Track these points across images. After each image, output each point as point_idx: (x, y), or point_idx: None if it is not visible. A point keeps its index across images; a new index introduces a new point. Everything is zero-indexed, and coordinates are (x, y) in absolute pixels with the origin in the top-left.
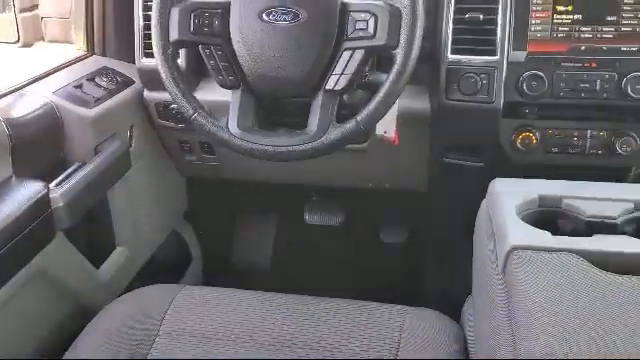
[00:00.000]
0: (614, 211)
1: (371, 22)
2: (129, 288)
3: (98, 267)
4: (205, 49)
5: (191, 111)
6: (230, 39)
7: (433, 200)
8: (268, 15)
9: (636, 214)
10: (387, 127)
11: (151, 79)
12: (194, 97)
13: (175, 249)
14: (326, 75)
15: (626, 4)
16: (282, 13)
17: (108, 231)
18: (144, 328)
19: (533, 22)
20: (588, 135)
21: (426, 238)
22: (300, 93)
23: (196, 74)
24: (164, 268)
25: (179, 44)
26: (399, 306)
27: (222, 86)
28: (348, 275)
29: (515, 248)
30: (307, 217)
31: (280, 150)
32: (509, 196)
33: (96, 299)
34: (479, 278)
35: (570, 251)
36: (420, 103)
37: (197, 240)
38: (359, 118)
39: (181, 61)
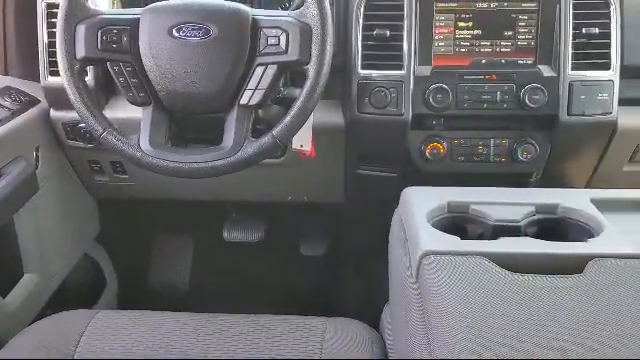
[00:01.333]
0: (517, 215)
1: (283, 38)
2: (39, 317)
3: (4, 296)
4: (114, 66)
5: (100, 130)
6: (140, 56)
7: (349, 211)
8: (178, 31)
9: (537, 217)
10: (303, 140)
11: (57, 98)
12: (103, 115)
13: (88, 274)
14: (240, 90)
15: (521, 20)
16: (192, 29)
17: (15, 257)
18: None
19: (436, 38)
20: (491, 144)
21: (345, 249)
22: (214, 109)
23: (105, 91)
24: (77, 294)
25: (86, 61)
26: (320, 317)
27: (132, 103)
28: (269, 291)
29: (427, 253)
30: (226, 234)
31: (195, 167)
32: (420, 204)
33: (2, 331)
34: (395, 285)
35: (478, 254)
36: (334, 116)
37: (111, 263)
38: (275, 132)
39: (89, 78)
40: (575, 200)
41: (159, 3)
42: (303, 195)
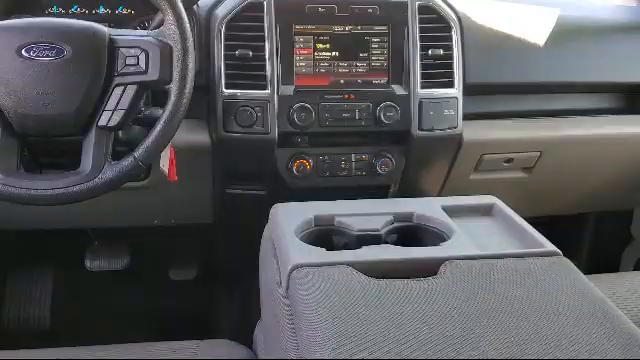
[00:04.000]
0: (378, 224)
1: (142, 58)
2: None
3: None
4: None
5: None
6: None
7: (220, 231)
8: (28, 51)
9: (395, 225)
10: (164, 162)
11: None
12: None
13: None
14: (98, 111)
15: (374, 42)
16: (44, 49)
17: None
18: None
19: (298, 59)
20: (353, 159)
21: (217, 270)
22: (70, 131)
23: None
24: None
25: None
26: (192, 341)
27: None
28: (138, 319)
29: (296, 267)
30: (88, 264)
31: (51, 193)
32: (288, 219)
33: None
34: (266, 301)
35: (343, 263)
36: (199, 136)
37: None
38: (137, 154)
39: None
40: (428, 208)
41: (7, 21)
42: (170, 218)
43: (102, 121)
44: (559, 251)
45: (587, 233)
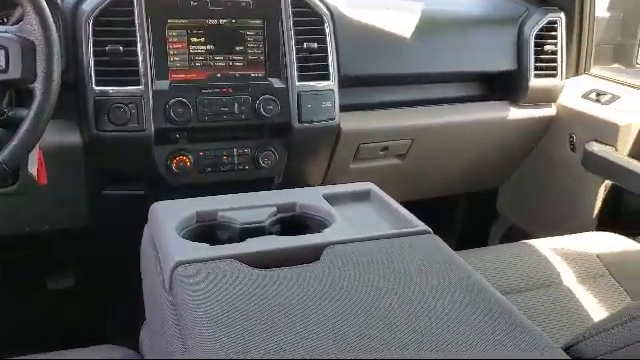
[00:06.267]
0: (261, 216)
1: (1, 55)
2: None
3: None
4: None
5: None
6: None
7: (99, 235)
8: None
9: (279, 216)
10: (32, 165)
11: None
12: None
13: None
14: None
15: (249, 36)
16: None
17: None
18: None
19: (172, 53)
20: (235, 153)
21: (98, 275)
22: None
23: None
24: None
25: None
26: (77, 349)
27: None
28: (15, 333)
29: (178, 264)
30: None
31: None
32: (168, 217)
33: None
34: (150, 301)
35: (228, 257)
36: (70, 137)
37: None
38: (1, 158)
39: None
40: (310, 197)
41: None
42: (43, 224)
43: None
44: (430, 229)
45: (458, 212)
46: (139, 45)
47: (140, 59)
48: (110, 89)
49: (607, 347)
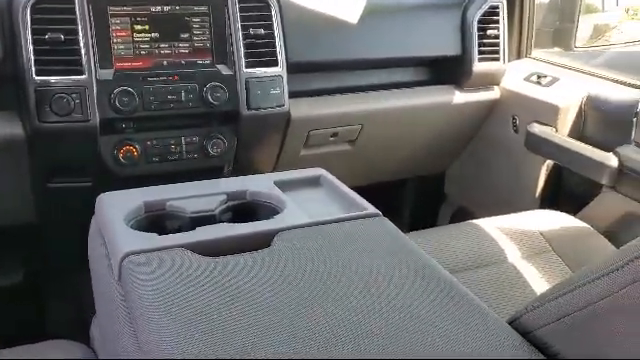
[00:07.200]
0: (211, 204)
1: None
2: None
3: None
4: None
5: None
6: None
7: (46, 229)
8: None
9: (229, 203)
10: None
11: None
12: None
13: None
14: None
15: (194, 22)
16: None
17: None
18: None
19: (115, 41)
20: (183, 142)
21: (46, 270)
22: None
23: None
24: None
25: None
26: (26, 345)
27: None
28: None
29: (127, 254)
30: None
31: None
32: (116, 208)
33: None
34: (100, 294)
35: (177, 246)
36: (11, 129)
37: None
38: None
39: None
40: (261, 184)
41: None
42: None
43: None
44: (379, 212)
45: (407, 196)
46: (81, 33)
47: (82, 47)
48: (52, 79)
49: (549, 318)
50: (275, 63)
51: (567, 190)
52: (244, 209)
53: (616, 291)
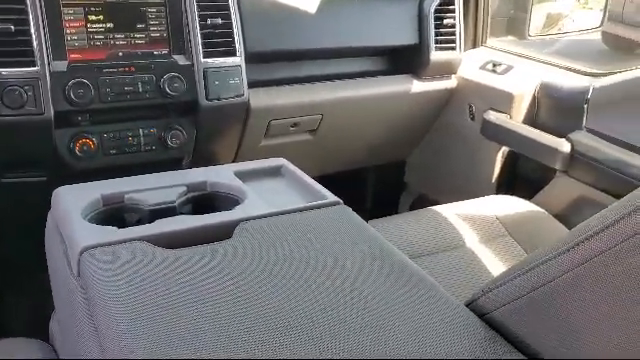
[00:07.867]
0: (171, 196)
1: None
2: None
3: None
4: None
5: None
6: None
7: (1, 225)
8: None
9: (189, 195)
10: None
11: None
12: None
13: None
14: None
15: (150, 12)
16: None
17: None
18: None
19: (69, 32)
20: (141, 134)
21: (2, 268)
22: None
23: None
24: None
25: None
26: None
27: None
28: None
29: (85, 249)
30: None
31: None
32: (73, 202)
33: None
34: (58, 289)
35: (137, 239)
36: None
37: None
38: None
39: None
40: (221, 175)
41: None
42: None
43: None
44: (340, 200)
45: (369, 184)
46: (32, 23)
47: (34, 38)
48: (3, 71)
49: (505, 299)
50: (233, 53)
51: (522, 175)
52: (205, 200)
53: (568, 270)
